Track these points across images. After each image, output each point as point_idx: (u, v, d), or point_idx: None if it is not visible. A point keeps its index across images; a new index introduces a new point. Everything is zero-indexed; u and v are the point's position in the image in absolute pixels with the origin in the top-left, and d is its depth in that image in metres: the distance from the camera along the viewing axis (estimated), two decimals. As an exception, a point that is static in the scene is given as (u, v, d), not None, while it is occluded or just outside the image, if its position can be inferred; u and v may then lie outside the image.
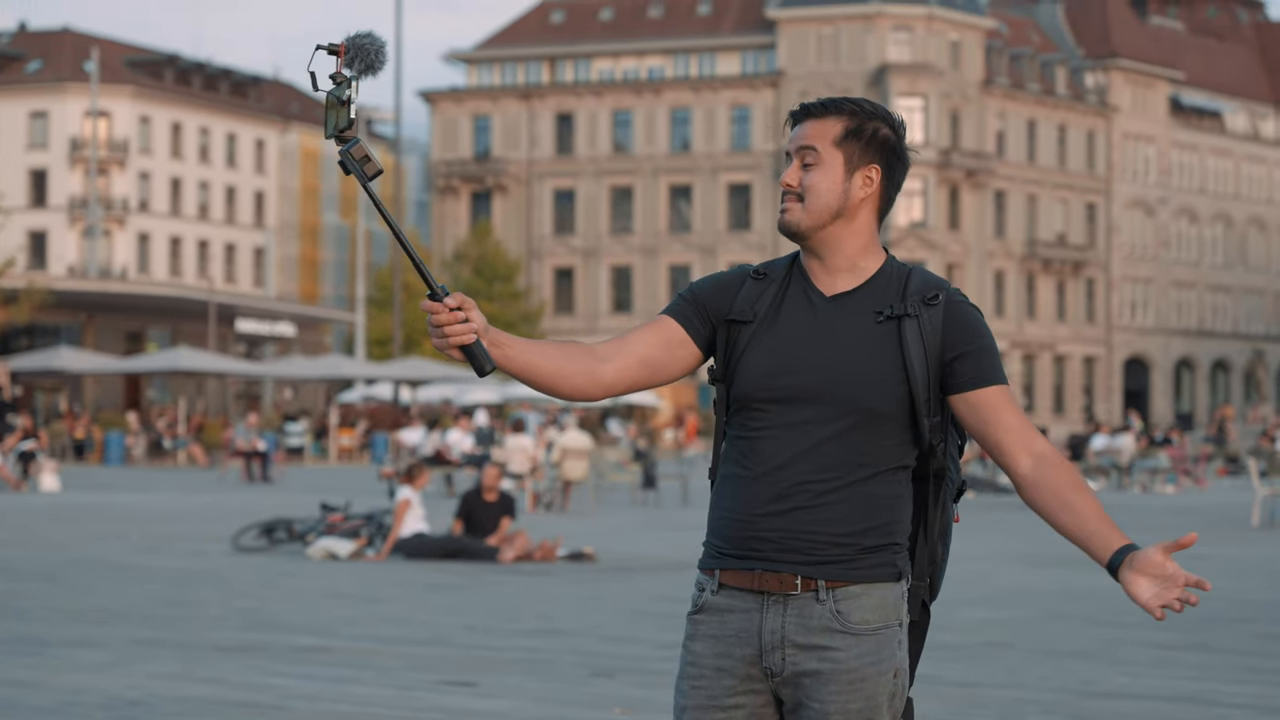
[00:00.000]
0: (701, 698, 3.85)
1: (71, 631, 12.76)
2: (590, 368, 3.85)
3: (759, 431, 3.83)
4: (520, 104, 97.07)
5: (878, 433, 3.80)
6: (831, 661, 3.78)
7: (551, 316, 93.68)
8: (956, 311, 3.84)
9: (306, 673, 10.89)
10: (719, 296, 3.91)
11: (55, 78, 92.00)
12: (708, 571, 3.89)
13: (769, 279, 3.92)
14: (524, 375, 3.80)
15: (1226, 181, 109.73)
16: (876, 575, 3.81)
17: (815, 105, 3.91)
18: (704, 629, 3.87)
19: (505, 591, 16.14)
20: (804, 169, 3.88)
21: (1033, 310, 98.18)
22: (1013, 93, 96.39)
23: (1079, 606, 14.93)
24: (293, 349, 77.72)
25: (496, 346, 3.73)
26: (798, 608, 3.80)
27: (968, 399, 3.83)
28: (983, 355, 3.83)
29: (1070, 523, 3.76)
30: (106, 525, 25.01)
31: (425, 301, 3.67)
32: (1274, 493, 27.49)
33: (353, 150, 3.62)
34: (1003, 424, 3.82)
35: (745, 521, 3.82)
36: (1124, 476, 42.50)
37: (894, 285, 3.87)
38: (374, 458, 54.83)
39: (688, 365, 3.93)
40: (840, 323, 3.84)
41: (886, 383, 3.80)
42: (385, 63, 3.65)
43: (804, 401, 3.81)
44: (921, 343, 3.81)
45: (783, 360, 3.83)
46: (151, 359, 62.28)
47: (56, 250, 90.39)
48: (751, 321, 3.87)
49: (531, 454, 31.31)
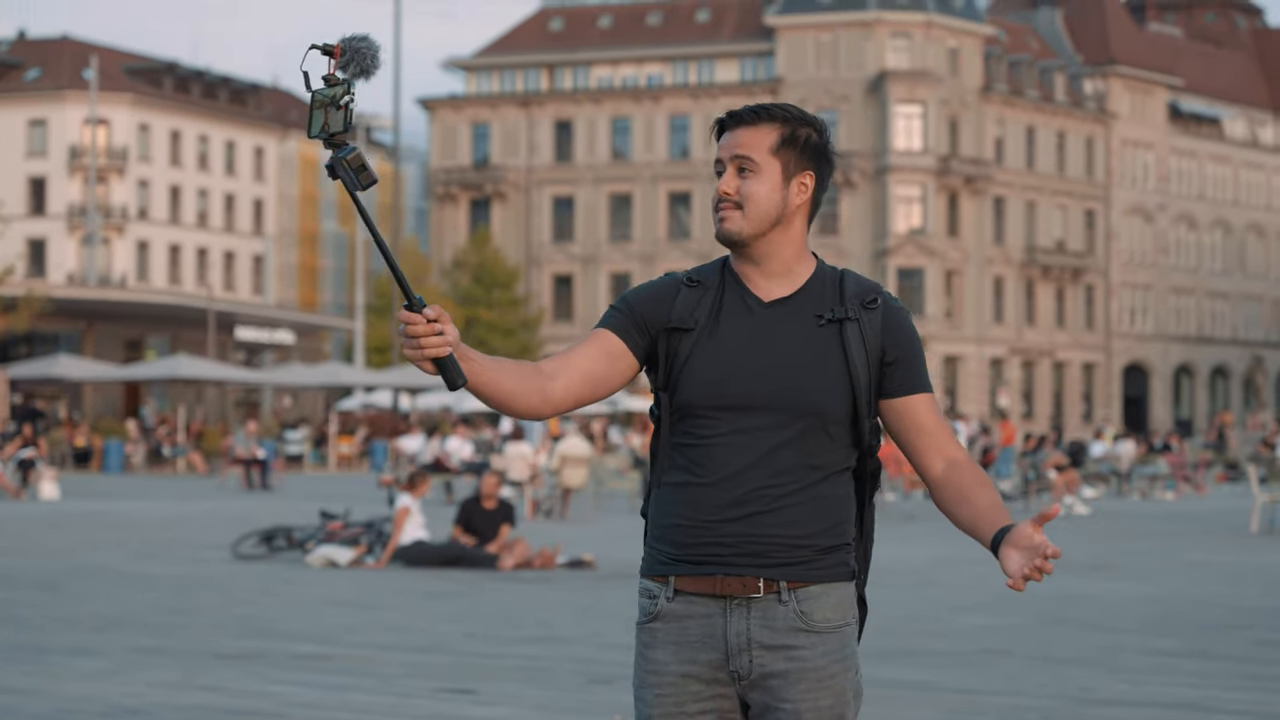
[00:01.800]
0: (668, 705, 3.88)
1: (71, 639, 12.77)
2: (541, 385, 3.86)
3: (710, 439, 3.86)
4: (519, 111, 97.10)
5: (827, 436, 3.86)
6: (799, 661, 3.82)
7: (550, 323, 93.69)
8: (894, 317, 3.91)
9: (306, 680, 10.90)
10: (655, 306, 3.93)
11: (54, 85, 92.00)
12: (659, 579, 3.92)
13: (704, 286, 3.94)
14: (485, 391, 3.80)
15: (1225, 188, 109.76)
16: (834, 575, 3.87)
17: (747, 113, 3.93)
18: (663, 636, 3.89)
19: (505, 599, 16.14)
20: (740, 177, 3.91)
21: (1032, 317, 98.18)
22: (1011, 99, 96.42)
23: (1078, 613, 14.94)
24: (292, 356, 77.72)
25: (464, 360, 3.74)
26: (761, 610, 3.83)
27: (895, 405, 3.92)
28: (913, 363, 3.92)
29: (967, 514, 3.86)
30: (106, 533, 25.01)
31: (402, 311, 3.66)
32: (1273, 499, 27.49)
33: (349, 158, 3.56)
34: (924, 430, 3.92)
35: (703, 528, 3.85)
36: (1123, 483, 42.50)
37: (830, 289, 3.92)
38: (373, 465, 54.80)
39: (627, 377, 3.97)
40: (782, 328, 3.88)
41: (833, 386, 3.85)
42: (380, 66, 3.61)
43: (756, 408, 3.84)
44: (863, 346, 3.87)
45: (728, 367, 3.86)
46: (151, 367, 62.25)
47: (55, 258, 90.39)
48: (693, 329, 3.89)
49: (531, 461, 31.30)
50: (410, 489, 20.21)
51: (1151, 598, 16.44)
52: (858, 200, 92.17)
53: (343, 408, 67.06)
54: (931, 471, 3.92)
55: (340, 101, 3.55)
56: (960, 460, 3.91)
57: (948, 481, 3.90)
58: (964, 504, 3.87)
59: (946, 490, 3.90)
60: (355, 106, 3.56)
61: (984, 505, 3.85)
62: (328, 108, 3.55)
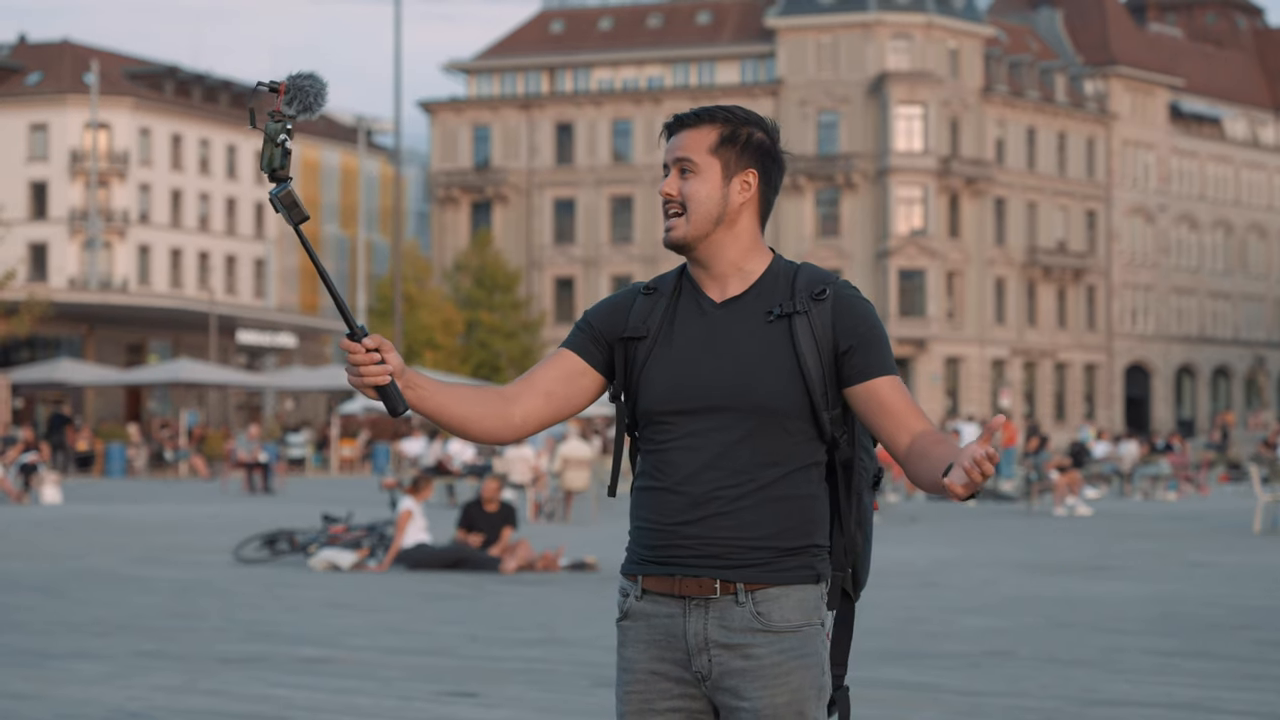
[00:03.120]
0: (636, 703, 3.91)
1: (73, 644, 12.77)
2: (500, 410, 3.93)
3: (666, 444, 3.89)
4: (520, 114, 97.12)
5: (782, 432, 3.85)
6: (755, 659, 3.83)
7: (552, 326, 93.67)
8: (845, 305, 3.88)
9: (309, 684, 10.90)
10: (611, 318, 3.98)
11: (55, 90, 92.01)
12: (630, 577, 3.96)
13: (659, 294, 3.98)
14: (435, 417, 3.89)
15: (1226, 188, 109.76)
16: (795, 578, 3.86)
17: (689, 116, 3.96)
18: (632, 634, 3.93)
19: (507, 602, 16.14)
20: (682, 178, 3.93)
21: (1033, 318, 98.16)
22: (1012, 100, 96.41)
23: (1081, 614, 14.94)
24: (294, 360, 77.73)
25: (411, 388, 3.82)
26: (719, 610, 3.85)
27: (857, 391, 3.86)
28: (871, 348, 3.86)
29: (926, 469, 3.75)
30: (108, 537, 25.01)
31: (344, 340, 3.77)
32: (1275, 499, 27.49)
33: (280, 195, 3.67)
34: (889, 412, 3.83)
35: (664, 530, 3.88)
36: (1126, 483, 42.50)
37: (782, 284, 3.92)
38: (375, 468, 54.84)
39: (592, 392, 4.00)
40: (732, 327, 3.89)
41: (783, 382, 3.84)
42: (323, 105, 3.70)
43: (707, 410, 3.85)
44: (813, 338, 3.85)
45: (680, 372, 3.88)
46: (153, 371, 62.25)
47: (57, 262, 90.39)
48: (645, 337, 3.93)
49: (533, 464, 31.30)
50: (413, 492, 20.22)
51: (1154, 598, 16.44)
52: (859, 202, 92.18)
53: (345, 411, 67.08)
54: (899, 449, 3.83)
55: (277, 139, 3.66)
56: (925, 430, 3.82)
57: (911, 451, 3.80)
58: (923, 460, 3.77)
59: (911, 459, 3.80)
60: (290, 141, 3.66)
61: (939, 454, 3.75)
62: (270, 143, 3.66)
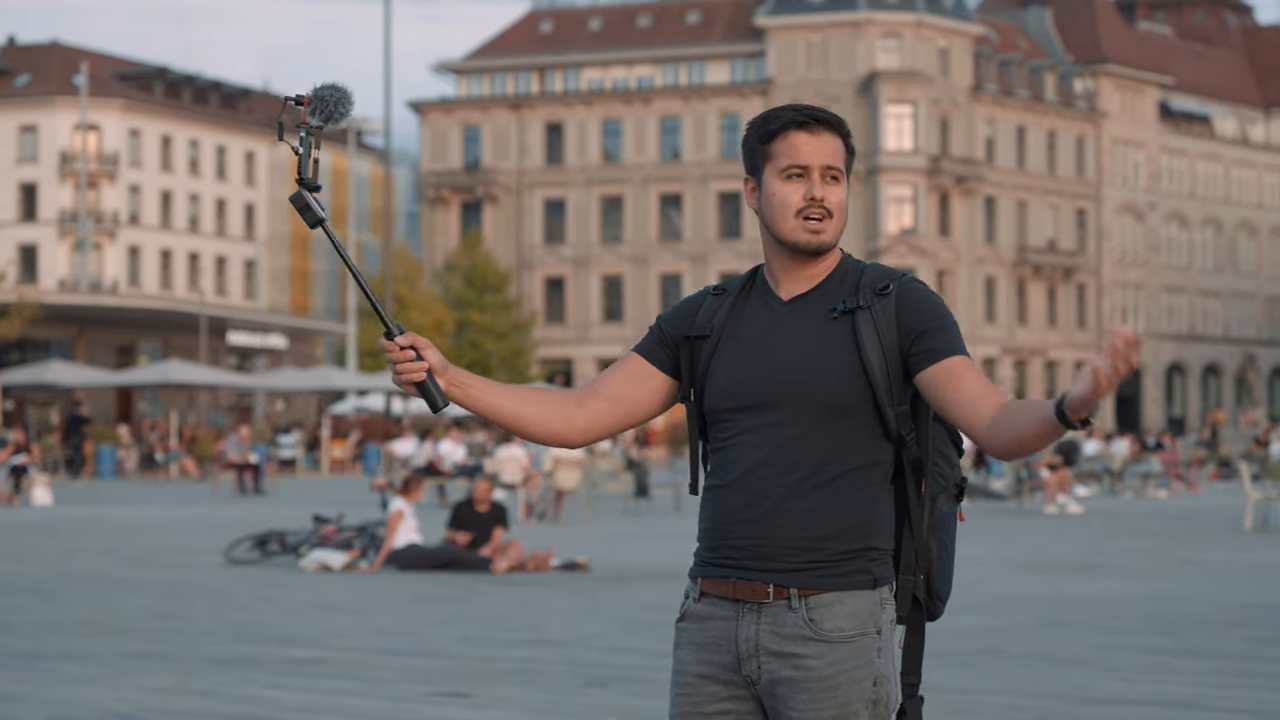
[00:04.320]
0: (686, 705, 3.88)
1: (63, 645, 12.74)
2: (565, 412, 3.94)
3: (728, 441, 3.87)
4: (510, 114, 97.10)
5: (841, 429, 3.80)
6: (804, 670, 3.78)
7: (542, 326, 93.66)
8: (910, 297, 3.83)
9: (300, 685, 10.88)
10: (679, 321, 3.97)
11: (44, 91, 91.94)
12: (693, 579, 3.93)
13: (727, 294, 3.97)
14: (489, 415, 3.92)
15: (1216, 186, 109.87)
16: (850, 583, 3.79)
17: (821, 120, 3.92)
18: (687, 636, 3.91)
19: (498, 602, 16.13)
20: (825, 184, 3.93)
21: (1024, 316, 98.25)
22: (1002, 99, 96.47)
23: (1072, 613, 14.94)
24: (284, 361, 77.65)
25: (458, 386, 3.86)
26: (771, 616, 3.80)
27: (927, 376, 3.78)
28: (939, 333, 3.79)
29: (1024, 418, 3.62)
30: (98, 539, 24.98)
31: (381, 340, 3.83)
32: (1266, 497, 27.52)
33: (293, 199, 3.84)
34: (964, 388, 3.72)
35: (720, 530, 3.85)
36: (1116, 481, 42.53)
37: (848, 281, 3.89)
38: (366, 469, 54.78)
39: (662, 395, 3.98)
40: (796, 324, 3.86)
41: (843, 377, 3.79)
42: (347, 113, 3.81)
43: (765, 406, 3.82)
44: (876, 333, 3.80)
45: (742, 368, 3.86)
46: (143, 372, 62.15)
47: (47, 264, 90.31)
48: (709, 335, 3.92)
49: (524, 464, 31.28)
50: (403, 493, 20.20)
51: (1145, 596, 16.44)
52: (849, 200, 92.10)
53: (335, 412, 67.02)
54: (980, 424, 3.68)
55: (297, 149, 3.81)
56: (1009, 401, 3.67)
57: (997, 420, 3.65)
58: (1019, 414, 3.62)
59: (998, 426, 3.65)
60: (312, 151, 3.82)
61: (1035, 405, 3.60)
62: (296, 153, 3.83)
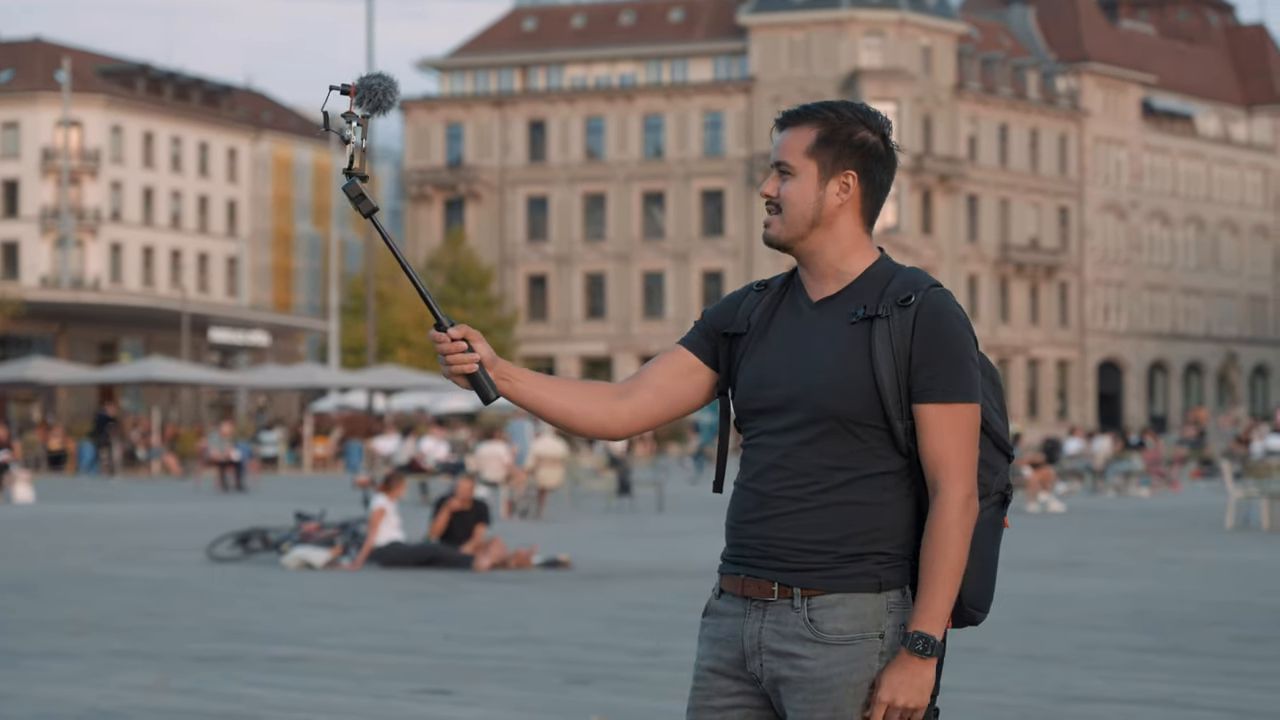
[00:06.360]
0: (698, 698, 3.90)
1: (46, 643, 12.73)
2: (609, 404, 3.93)
3: (749, 441, 3.88)
4: (493, 111, 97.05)
5: (852, 437, 3.76)
6: (800, 670, 3.78)
7: (525, 323, 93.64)
8: (927, 316, 3.75)
9: (282, 682, 10.88)
10: (723, 315, 3.95)
11: (26, 88, 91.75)
12: (719, 575, 3.95)
13: (769, 290, 3.94)
14: (535, 409, 3.93)
15: (1198, 184, 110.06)
16: (854, 585, 3.77)
17: (792, 114, 3.88)
18: (705, 631, 3.93)
19: (481, 600, 16.13)
20: (781, 180, 3.87)
21: (1006, 314, 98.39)
22: (984, 97, 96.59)
23: (1054, 611, 14.96)
24: (266, 358, 77.58)
25: (505, 380, 3.86)
26: (775, 614, 3.80)
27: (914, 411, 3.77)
28: (934, 368, 3.74)
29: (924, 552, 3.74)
30: (81, 536, 24.94)
31: (432, 331, 3.84)
32: (1248, 495, 27.57)
33: (347, 189, 3.79)
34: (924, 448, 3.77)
35: (735, 528, 3.87)
36: (1098, 479, 42.60)
37: (877, 286, 3.82)
38: (348, 466, 54.72)
39: (705, 388, 3.96)
40: (819, 328, 3.82)
41: (853, 386, 3.75)
42: (394, 102, 3.82)
43: (781, 410, 3.81)
44: (889, 344, 3.74)
45: (766, 370, 3.84)
46: (125, 369, 62.05)
47: (28, 261, 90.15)
48: (745, 333, 3.90)
49: (507, 461, 31.26)
50: (385, 490, 20.19)
51: (1127, 594, 16.47)
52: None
53: (318, 409, 66.95)
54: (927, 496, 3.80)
55: (345, 137, 3.80)
56: (939, 503, 3.74)
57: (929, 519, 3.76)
58: (926, 548, 3.74)
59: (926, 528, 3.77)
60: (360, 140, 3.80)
61: (926, 565, 3.73)
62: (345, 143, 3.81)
